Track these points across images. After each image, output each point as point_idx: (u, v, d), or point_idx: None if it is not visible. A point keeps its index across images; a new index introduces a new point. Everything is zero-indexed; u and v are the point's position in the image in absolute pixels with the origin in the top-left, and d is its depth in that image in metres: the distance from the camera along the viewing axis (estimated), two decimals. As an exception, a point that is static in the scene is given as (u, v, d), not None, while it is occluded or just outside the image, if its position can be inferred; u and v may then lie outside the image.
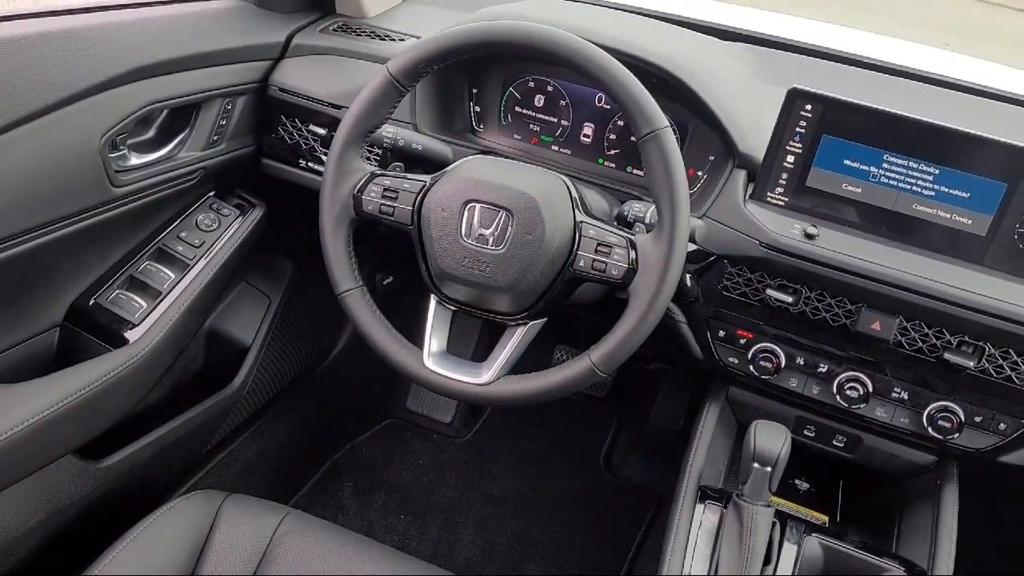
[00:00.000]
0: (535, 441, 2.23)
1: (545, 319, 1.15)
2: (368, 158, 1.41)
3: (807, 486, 1.43)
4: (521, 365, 1.14)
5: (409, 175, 1.15)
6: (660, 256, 1.04)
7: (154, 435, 1.46)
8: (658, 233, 1.05)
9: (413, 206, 1.12)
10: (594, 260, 1.08)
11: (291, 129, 1.49)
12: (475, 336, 2.11)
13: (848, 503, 1.42)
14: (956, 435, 1.19)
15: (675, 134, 1.36)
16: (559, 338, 2.20)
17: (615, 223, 1.20)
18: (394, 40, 1.50)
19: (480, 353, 1.14)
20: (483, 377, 1.11)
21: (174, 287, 1.37)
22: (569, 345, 2.19)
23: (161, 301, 1.35)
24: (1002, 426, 1.18)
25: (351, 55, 1.48)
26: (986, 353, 1.15)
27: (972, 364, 1.15)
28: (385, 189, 1.13)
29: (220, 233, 1.45)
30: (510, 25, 1.07)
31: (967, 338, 1.16)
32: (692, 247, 1.25)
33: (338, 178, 1.14)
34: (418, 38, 1.51)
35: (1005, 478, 1.30)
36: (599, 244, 1.08)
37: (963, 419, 1.19)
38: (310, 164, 1.49)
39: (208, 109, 1.38)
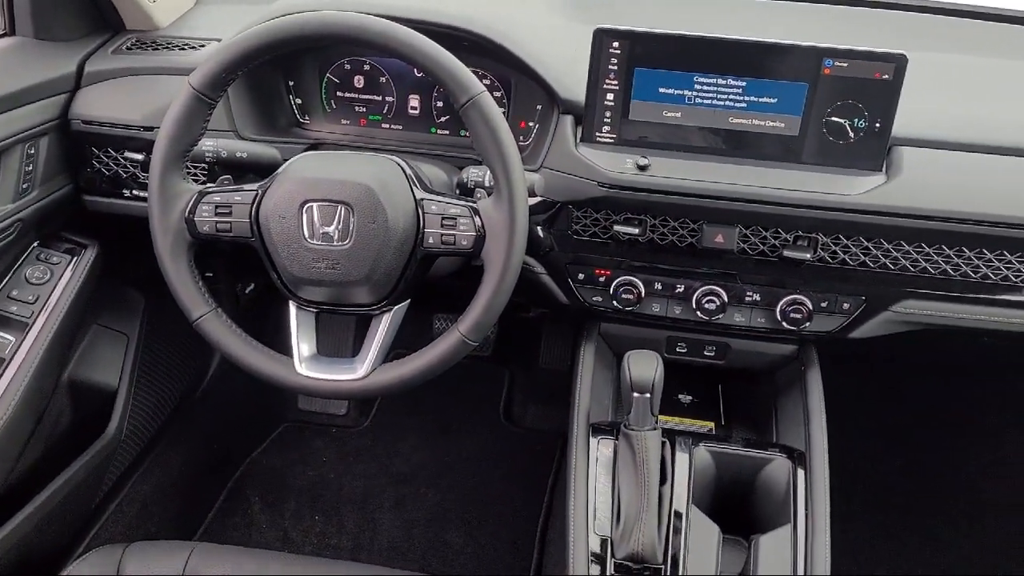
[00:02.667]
0: (434, 412, 2.25)
1: (408, 300, 1.16)
2: (193, 176, 1.36)
3: (690, 398, 1.50)
4: (405, 342, 1.14)
5: (239, 187, 1.12)
6: (504, 218, 1.05)
7: (35, 503, 1.39)
8: (498, 196, 1.06)
9: (250, 218, 1.10)
10: (442, 234, 1.09)
11: (106, 160, 1.41)
12: (351, 329, 2.09)
13: (729, 406, 1.50)
14: (808, 323, 1.28)
15: (500, 91, 1.40)
16: (436, 307, 2.21)
17: (457, 192, 1.21)
18: (194, 48, 1.44)
19: (360, 346, 1.14)
20: (359, 372, 1.11)
21: (16, 350, 1.29)
22: (447, 312, 2.21)
23: (6, 368, 1.28)
24: (846, 306, 1.28)
25: (151, 71, 1.40)
26: (819, 243, 1.23)
27: (809, 256, 1.23)
28: (217, 206, 1.10)
29: (54, 283, 1.38)
30: (310, 17, 1.05)
31: (801, 233, 1.23)
32: (535, 200, 1.28)
33: (164, 205, 1.10)
34: (219, 41, 1.45)
35: (862, 354, 1.40)
36: (444, 218, 1.09)
37: (811, 308, 1.27)
38: (135, 192, 1.42)
39: (9, 157, 1.29)
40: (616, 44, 1.19)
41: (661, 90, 1.21)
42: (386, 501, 2.01)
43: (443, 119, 1.44)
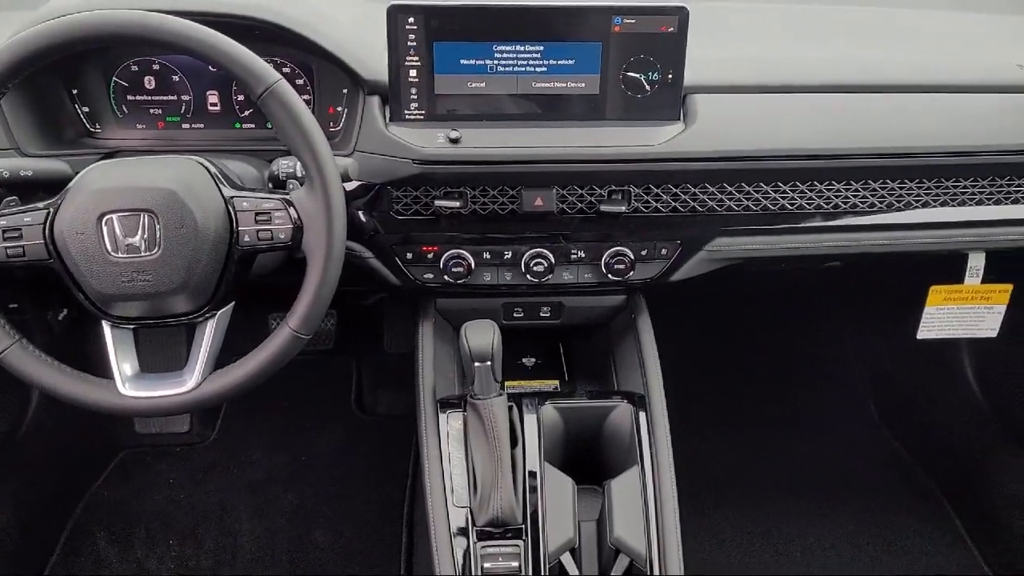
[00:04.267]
0: (283, 414, 2.19)
1: (233, 303, 1.12)
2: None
3: (534, 360, 1.54)
4: (241, 348, 1.10)
5: (27, 207, 1.04)
6: (319, 208, 1.03)
7: None
8: (310, 185, 1.04)
9: (44, 239, 1.02)
10: (258, 231, 1.06)
11: None
12: (182, 341, 2.00)
13: (571, 362, 1.55)
14: (632, 272, 1.34)
15: (302, 78, 1.36)
16: (270, 307, 2.14)
17: (269, 186, 1.18)
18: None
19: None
20: (188, 384, 1.07)
21: None
22: (282, 311, 2.14)
23: None
24: (664, 252, 1.34)
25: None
26: (633, 195, 1.29)
27: (624, 208, 1.28)
28: (4, 231, 1.02)
29: None
30: (83, 18, 0.98)
31: (614, 187, 1.28)
32: (353, 184, 1.26)
33: None
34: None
35: (685, 294, 1.48)
36: (257, 213, 1.05)
37: (633, 257, 1.33)
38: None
39: None
40: (412, 20, 1.18)
41: (463, 61, 1.22)
42: (244, 512, 1.94)
43: (246, 113, 1.39)
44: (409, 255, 1.32)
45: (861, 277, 2.07)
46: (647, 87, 1.25)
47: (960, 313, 1.55)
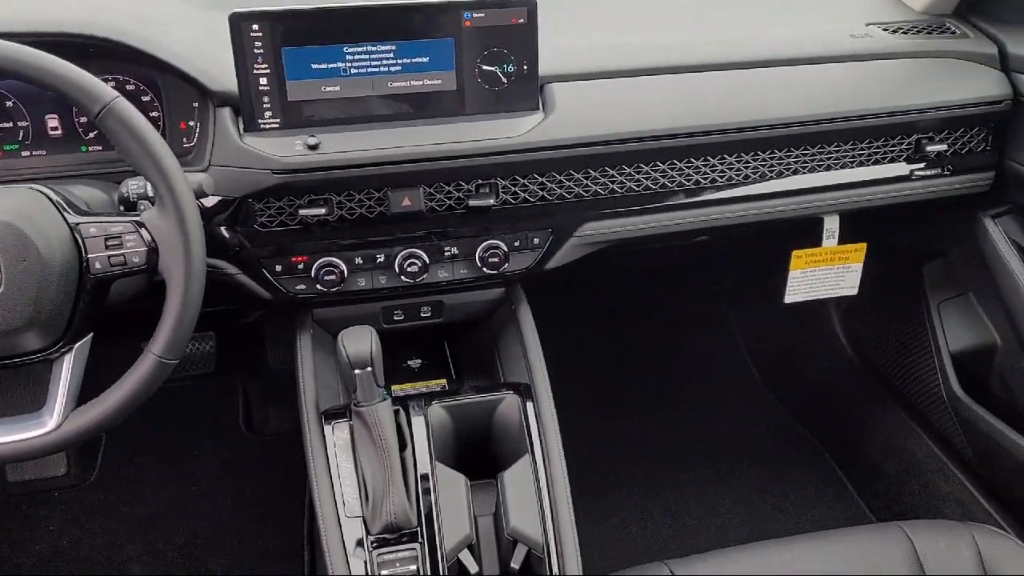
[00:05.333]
0: (169, 444, 2.10)
1: (91, 335, 1.07)
2: None
3: (419, 362, 1.53)
4: (111, 378, 1.05)
5: None
6: (172, 227, 0.99)
7: None
8: (161, 205, 1.00)
9: None
10: (110, 256, 1.01)
11: None
12: (42, 380, 1.89)
13: (457, 359, 1.55)
14: (507, 264, 1.34)
15: (148, 95, 1.31)
16: (140, 334, 2.05)
17: (121, 208, 1.13)
18: None
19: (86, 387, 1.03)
20: (48, 424, 1.01)
21: None
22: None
23: None
24: (536, 241, 1.35)
25: None
26: (500, 187, 1.29)
27: (493, 201, 1.28)
28: None
29: None
30: None
31: (480, 181, 1.28)
32: (212, 200, 1.22)
33: None
34: None
35: (563, 282, 1.50)
36: (107, 238, 1.00)
37: (507, 249, 1.34)
38: None
39: None
40: (256, 27, 1.15)
41: (314, 66, 1.20)
42: (134, 550, 1.86)
43: (92, 135, 1.32)
44: (278, 267, 1.28)
45: (731, 249, 2.15)
46: (504, 79, 1.26)
47: (821, 275, 1.63)
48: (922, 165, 1.49)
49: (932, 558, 1.22)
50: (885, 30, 1.51)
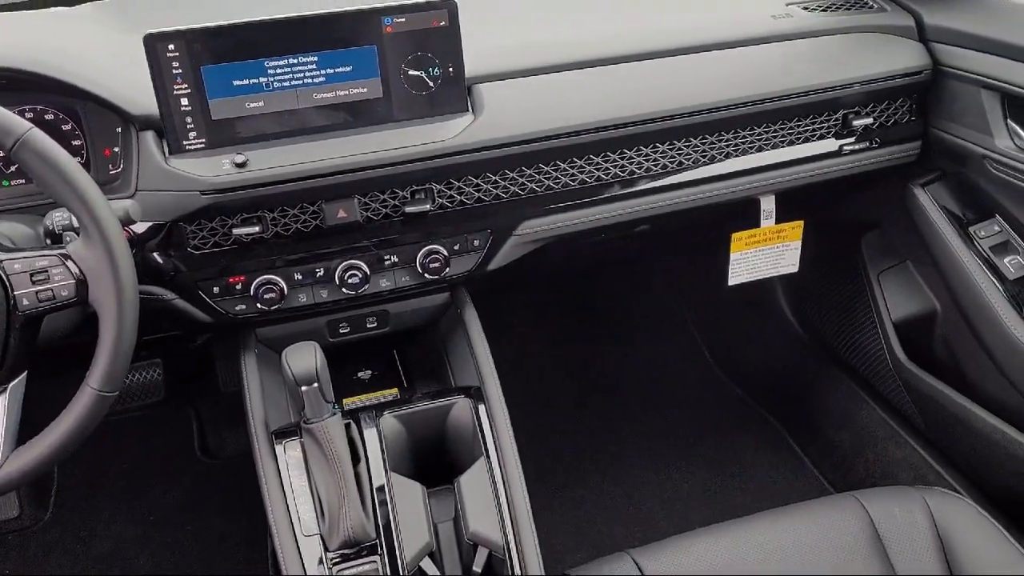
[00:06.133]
0: (125, 476, 2.06)
1: (25, 373, 1.04)
2: None
3: (370, 373, 1.52)
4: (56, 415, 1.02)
5: None
6: (100, 257, 0.97)
7: None
8: (86, 235, 0.98)
9: None
10: (37, 292, 0.98)
11: None
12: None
13: (408, 368, 1.54)
14: (448, 268, 1.34)
15: (69, 123, 1.28)
16: (81, 369, 2.00)
17: (47, 242, 1.10)
18: None
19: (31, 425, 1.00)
20: (-15, 468, 0.98)
21: None
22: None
23: None
24: (476, 243, 1.35)
25: None
26: (436, 192, 1.29)
27: (429, 206, 1.28)
28: None
29: None
30: None
31: (415, 187, 1.28)
32: (143, 227, 1.19)
33: None
34: None
35: (511, 282, 1.50)
36: (32, 274, 0.98)
37: (447, 253, 1.33)
38: None
39: None
40: (172, 47, 1.13)
41: (236, 83, 1.18)
42: (94, 588, 1.82)
43: (12, 169, 1.28)
44: (216, 289, 1.26)
45: (675, 238, 2.17)
46: (430, 83, 1.25)
47: (762, 255, 1.65)
48: (851, 140, 1.52)
49: (887, 524, 1.25)
50: (805, 8, 1.53)
